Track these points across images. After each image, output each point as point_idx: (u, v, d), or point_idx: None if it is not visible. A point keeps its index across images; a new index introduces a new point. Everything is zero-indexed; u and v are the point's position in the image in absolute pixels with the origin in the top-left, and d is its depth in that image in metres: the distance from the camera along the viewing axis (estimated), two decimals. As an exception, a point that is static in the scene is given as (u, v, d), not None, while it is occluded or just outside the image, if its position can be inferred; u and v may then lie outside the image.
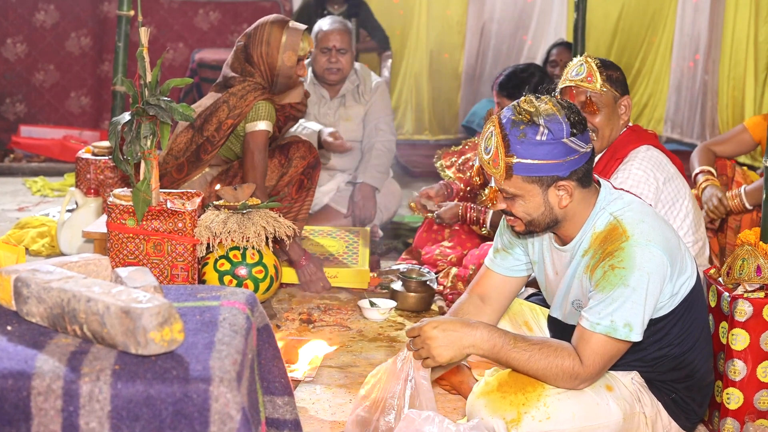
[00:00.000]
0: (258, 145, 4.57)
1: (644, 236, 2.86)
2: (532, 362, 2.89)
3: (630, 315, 2.83)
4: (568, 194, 2.92)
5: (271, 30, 4.65)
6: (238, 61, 4.69)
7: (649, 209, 3.01)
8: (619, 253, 2.85)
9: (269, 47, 4.63)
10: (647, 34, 8.97)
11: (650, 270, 2.83)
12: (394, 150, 6.08)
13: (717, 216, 4.46)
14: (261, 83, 4.63)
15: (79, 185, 5.31)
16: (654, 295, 2.86)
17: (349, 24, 6.04)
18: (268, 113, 4.59)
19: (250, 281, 4.13)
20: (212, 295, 2.63)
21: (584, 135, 2.90)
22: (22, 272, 2.40)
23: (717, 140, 4.84)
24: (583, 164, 2.91)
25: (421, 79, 9.11)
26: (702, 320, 3.08)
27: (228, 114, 4.57)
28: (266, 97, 4.61)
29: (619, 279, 2.83)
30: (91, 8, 8.33)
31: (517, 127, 2.86)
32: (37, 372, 2.16)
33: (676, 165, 3.87)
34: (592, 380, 2.93)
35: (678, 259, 2.95)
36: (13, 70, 8.28)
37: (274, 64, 4.64)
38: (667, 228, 3.00)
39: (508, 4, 9.12)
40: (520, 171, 2.88)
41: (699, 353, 3.07)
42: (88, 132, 8.11)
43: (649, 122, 8.94)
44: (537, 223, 2.98)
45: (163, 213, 3.89)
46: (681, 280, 2.97)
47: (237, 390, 2.19)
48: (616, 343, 2.86)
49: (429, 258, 5.13)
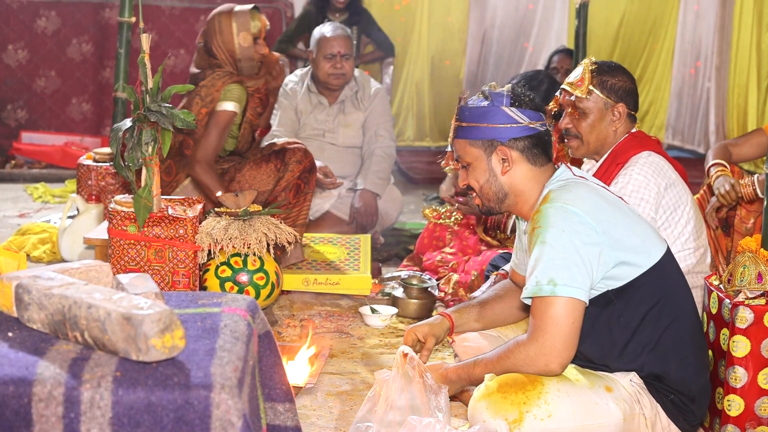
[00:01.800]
0: (219, 123, 4.69)
1: (562, 200, 2.97)
2: (499, 370, 3.00)
3: (550, 270, 2.88)
4: (509, 161, 3.10)
5: (221, 19, 4.80)
6: (203, 60, 4.80)
7: (591, 189, 3.06)
8: (536, 216, 2.99)
9: (223, 35, 4.75)
10: (648, 41, 8.97)
11: (564, 227, 2.91)
12: (395, 156, 6.09)
13: (727, 202, 4.40)
14: (229, 70, 4.72)
15: (81, 192, 5.32)
16: (579, 253, 2.89)
17: (349, 31, 6.06)
18: (237, 96, 4.70)
19: (252, 288, 4.13)
20: (213, 301, 2.63)
21: (532, 112, 3.12)
22: (24, 279, 2.40)
23: (734, 141, 4.83)
24: (525, 136, 3.10)
25: (422, 85, 9.12)
26: (674, 313, 3.06)
27: (201, 104, 4.66)
28: (236, 80, 4.69)
29: (536, 238, 2.94)
30: (93, 15, 8.34)
31: (471, 99, 3.18)
32: (38, 378, 2.16)
33: (678, 171, 3.86)
34: (560, 349, 2.90)
35: (618, 233, 2.97)
36: (15, 76, 8.29)
37: (233, 49, 4.77)
38: (607, 205, 3.03)
39: (510, 11, 9.13)
40: (462, 133, 3.16)
41: (679, 346, 3.06)
42: (89, 138, 8.12)
43: (650, 129, 8.95)
44: (486, 194, 3.17)
45: (164, 219, 3.88)
46: (628, 257, 2.98)
47: (238, 397, 2.19)
48: (553, 303, 2.88)
49: (430, 264, 5.13)
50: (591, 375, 3.04)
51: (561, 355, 2.91)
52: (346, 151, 6.03)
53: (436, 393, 3.07)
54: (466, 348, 3.52)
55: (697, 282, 3.79)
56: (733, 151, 4.72)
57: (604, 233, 2.94)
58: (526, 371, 2.95)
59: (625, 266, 2.98)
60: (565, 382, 2.96)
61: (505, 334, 3.49)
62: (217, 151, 4.71)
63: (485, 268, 4.48)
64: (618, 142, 3.87)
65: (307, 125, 5.98)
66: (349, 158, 6.03)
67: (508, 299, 3.49)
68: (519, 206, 3.16)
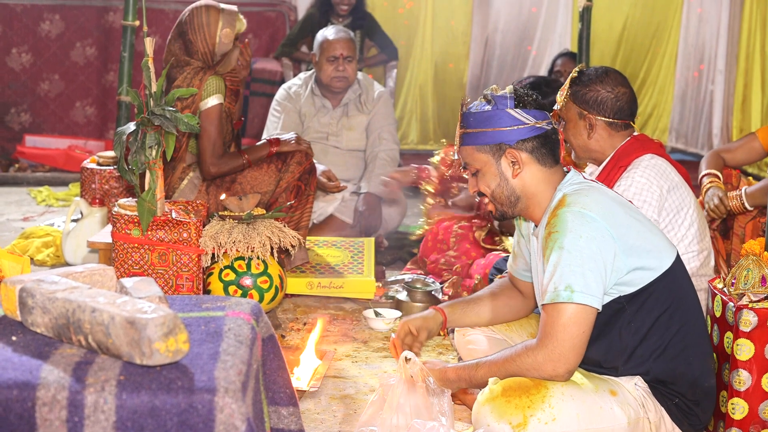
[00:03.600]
0: (212, 120, 4.63)
1: (579, 204, 2.95)
2: (503, 374, 2.99)
3: (568, 276, 2.88)
4: (518, 164, 3.08)
5: (209, 13, 4.71)
6: (174, 56, 4.70)
7: (605, 194, 3.06)
8: (554, 220, 2.96)
9: (209, 28, 4.68)
10: (652, 44, 8.97)
11: (582, 233, 2.90)
12: (398, 159, 6.09)
13: (717, 216, 4.44)
14: (199, 65, 4.66)
15: (84, 195, 5.32)
16: (595, 259, 2.89)
17: (353, 33, 6.06)
18: (217, 87, 4.64)
19: (255, 291, 4.13)
20: (217, 305, 2.63)
21: (537, 112, 3.10)
22: (27, 282, 2.41)
23: (727, 147, 4.84)
24: (533, 137, 3.08)
25: (426, 89, 9.12)
26: (683, 318, 3.06)
27: (182, 106, 4.57)
28: (211, 74, 4.65)
29: (554, 242, 2.93)
30: (97, 18, 8.34)
31: (473, 105, 3.14)
32: (42, 382, 2.17)
33: (681, 174, 3.86)
34: (569, 356, 2.91)
35: (632, 239, 2.97)
36: (18, 79, 8.30)
37: (214, 43, 4.70)
38: (622, 210, 3.03)
39: (513, 15, 9.12)
40: (469, 140, 3.12)
41: (686, 351, 3.06)
42: (93, 142, 8.13)
43: (653, 132, 8.94)
44: (499, 198, 3.14)
45: (168, 223, 3.89)
46: (641, 263, 2.98)
47: (242, 400, 2.19)
48: (567, 310, 2.88)
49: (434, 267, 5.13)
50: (596, 379, 3.03)
51: (569, 361, 2.91)
52: (349, 155, 6.03)
53: (439, 397, 3.07)
54: (470, 351, 3.52)
55: (701, 285, 3.79)
56: (726, 158, 4.73)
57: (620, 238, 2.94)
58: (532, 376, 2.95)
59: (638, 272, 2.98)
60: (570, 386, 2.95)
61: (511, 338, 3.49)
62: (220, 144, 4.68)
63: (489, 271, 4.48)
64: (608, 150, 3.87)
65: (310, 128, 5.98)
66: (353, 161, 6.03)
67: (504, 297, 3.51)
68: (531, 209, 3.14)
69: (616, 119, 3.84)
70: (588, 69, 3.89)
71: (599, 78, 3.84)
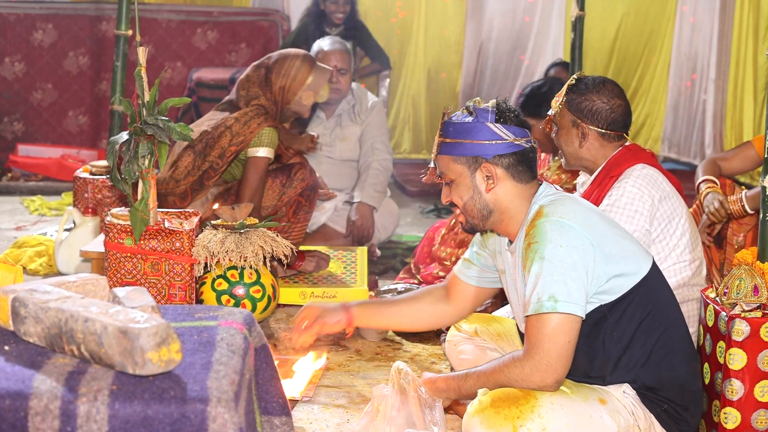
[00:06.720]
0: (258, 171, 4.63)
1: (557, 214, 2.96)
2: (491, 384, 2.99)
3: (551, 286, 2.88)
4: (493, 179, 3.08)
5: (302, 66, 4.72)
6: (250, 83, 4.71)
7: (580, 204, 3.08)
8: (533, 231, 2.97)
9: (294, 82, 4.69)
10: (644, 54, 8.99)
11: (562, 242, 2.90)
12: (391, 169, 6.09)
13: (718, 219, 4.44)
14: (265, 107, 4.66)
15: (77, 204, 5.32)
16: (577, 267, 2.89)
17: (348, 45, 6.07)
18: (270, 140, 4.64)
19: (248, 301, 4.13)
20: (210, 315, 2.63)
21: (517, 129, 3.09)
22: (20, 292, 2.40)
23: (723, 155, 4.85)
24: (511, 153, 3.08)
25: (418, 98, 9.13)
26: (664, 324, 3.07)
27: (231, 141, 4.60)
28: (270, 124, 4.65)
29: (534, 253, 2.93)
30: (89, 27, 8.34)
31: (455, 115, 3.14)
32: (35, 392, 2.16)
33: (673, 184, 3.87)
34: (556, 366, 2.90)
35: (609, 246, 2.98)
36: (11, 88, 8.29)
37: (291, 99, 4.71)
38: (599, 219, 3.05)
39: (506, 24, 9.14)
40: (446, 149, 3.11)
41: (670, 356, 3.07)
42: (85, 151, 8.11)
43: (646, 141, 8.96)
44: (470, 211, 3.14)
45: (160, 232, 3.89)
46: (620, 269, 2.99)
47: (235, 410, 2.19)
48: (552, 320, 2.88)
49: (427, 276, 5.13)
50: (584, 388, 3.03)
51: (557, 371, 2.91)
52: (342, 165, 6.03)
53: (431, 407, 3.07)
54: (461, 361, 3.53)
55: (693, 295, 3.79)
56: (722, 165, 4.74)
57: (599, 246, 2.95)
58: (520, 386, 2.95)
59: (618, 279, 2.98)
60: (559, 396, 2.95)
61: (502, 348, 3.50)
62: (261, 197, 4.71)
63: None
64: (599, 159, 3.88)
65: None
66: (346, 171, 6.04)
67: (424, 303, 3.51)
68: (504, 223, 3.15)
69: (609, 130, 3.84)
70: (586, 77, 3.89)
71: (596, 88, 3.84)
